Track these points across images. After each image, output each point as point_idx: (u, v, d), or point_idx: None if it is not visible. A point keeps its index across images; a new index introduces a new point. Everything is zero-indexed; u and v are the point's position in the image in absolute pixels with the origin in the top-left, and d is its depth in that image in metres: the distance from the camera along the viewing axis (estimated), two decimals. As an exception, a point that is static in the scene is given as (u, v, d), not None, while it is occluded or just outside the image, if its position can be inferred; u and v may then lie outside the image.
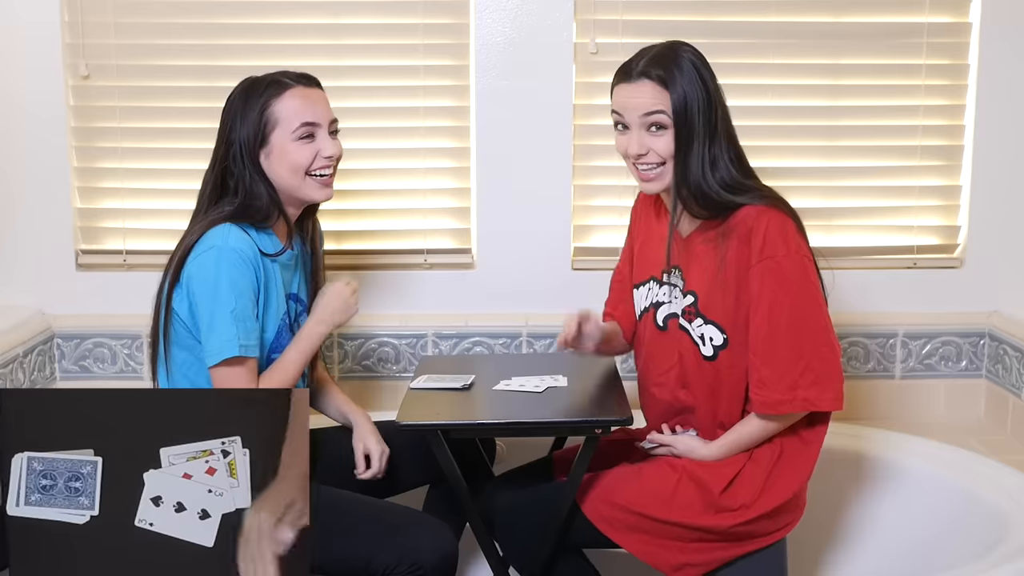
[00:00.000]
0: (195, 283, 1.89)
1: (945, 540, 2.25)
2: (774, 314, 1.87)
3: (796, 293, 1.87)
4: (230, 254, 1.88)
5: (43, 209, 2.71)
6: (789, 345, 1.88)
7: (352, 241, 2.77)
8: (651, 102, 1.88)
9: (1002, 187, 2.75)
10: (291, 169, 1.98)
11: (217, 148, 2.01)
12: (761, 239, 1.86)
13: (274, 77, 2.00)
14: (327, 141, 2.01)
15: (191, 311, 1.92)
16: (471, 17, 2.67)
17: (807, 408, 1.90)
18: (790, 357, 1.88)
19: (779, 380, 1.88)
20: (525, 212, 2.72)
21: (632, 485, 1.95)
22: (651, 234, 2.10)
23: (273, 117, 1.96)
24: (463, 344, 2.76)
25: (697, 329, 1.96)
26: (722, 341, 1.93)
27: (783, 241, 1.86)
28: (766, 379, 1.89)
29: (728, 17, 2.69)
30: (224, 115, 2.01)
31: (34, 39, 2.64)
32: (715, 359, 1.95)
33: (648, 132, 1.90)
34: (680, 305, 1.99)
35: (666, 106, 1.88)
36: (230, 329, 1.87)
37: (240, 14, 2.68)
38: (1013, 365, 2.64)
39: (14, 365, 2.51)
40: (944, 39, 2.72)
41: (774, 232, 1.86)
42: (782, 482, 1.94)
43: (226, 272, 1.87)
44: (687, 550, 1.93)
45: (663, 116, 1.88)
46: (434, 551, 1.87)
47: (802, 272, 1.88)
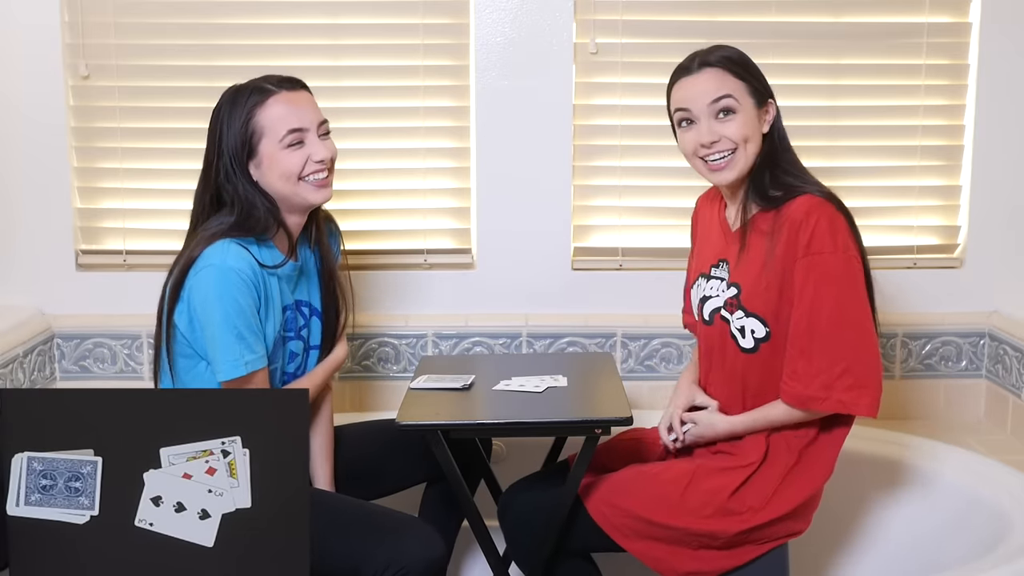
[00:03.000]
0: (195, 301, 1.89)
1: (945, 540, 2.25)
2: (816, 309, 1.85)
3: (840, 290, 1.86)
4: (228, 274, 1.86)
5: (43, 209, 2.71)
6: (829, 342, 1.85)
7: (352, 241, 2.75)
8: (717, 87, 1.90)
9: (1002, 187, 2.75)
10: (283, 177, 1.94)
11: (208, 162, 1.98)
12: (809, 233, 1.85)
13: (256, 84, 1.95)
14: (317, 144, 1.96)
15: (191, 326, 1.91)
16: (471, 17, 2.67)
17: (841, 410, 1.88)
18: (830, 355, 1.85)
19: (814, 376, 1.86)
20: (525, 212, 2.72)
21: (640, 490, 1.94)
22: (709, 233, 2.10)
23: (259, 127, 1.92)
24: (463, 344, 2.76)
25: (737, 321, 1.95)
26: (764, 334, 1.92)
27: (831, 237, 1.85)
28: (800, 372, 1.87)
29: (728, 17, 2.69)
30: (211, 127, 1.97)
31: (34, 40, 2.64)
32: (755, 351, 1.94)
33: (716, 120, 1.91)
34: (724, 297, 1.98)
35: (732, 89, 1.90)
36: (234, 349, 1.87)
37: (239, 14, 2.68)
38: (1013, 365, 2.64)
39: (14, 365, 2.51)
40: (944, 39, 2.72)
41: (823, 227, 1.85)
42: (795, 487, 1.93)
43: (226, 292, 1.86)
44: (694, 557, 1.92)
45: (730, 100, 1.90)
46: (422, 557, 1.85)
47: (848, 270, 1.86)
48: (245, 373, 1.89)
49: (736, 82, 1.91)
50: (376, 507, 2.00)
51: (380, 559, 1.83)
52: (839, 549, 2.46)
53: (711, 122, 1.91)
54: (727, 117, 1.91)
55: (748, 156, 1.92)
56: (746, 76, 1.92)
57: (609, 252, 2.77)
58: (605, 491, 1.96)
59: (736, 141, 1.91)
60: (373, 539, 1.87)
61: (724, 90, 1.90)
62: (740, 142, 1.91)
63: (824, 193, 1.91)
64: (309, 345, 2.10)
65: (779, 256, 1.89)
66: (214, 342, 1.88)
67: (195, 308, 1.89)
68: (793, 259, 1.87)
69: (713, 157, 1.92)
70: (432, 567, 1.87)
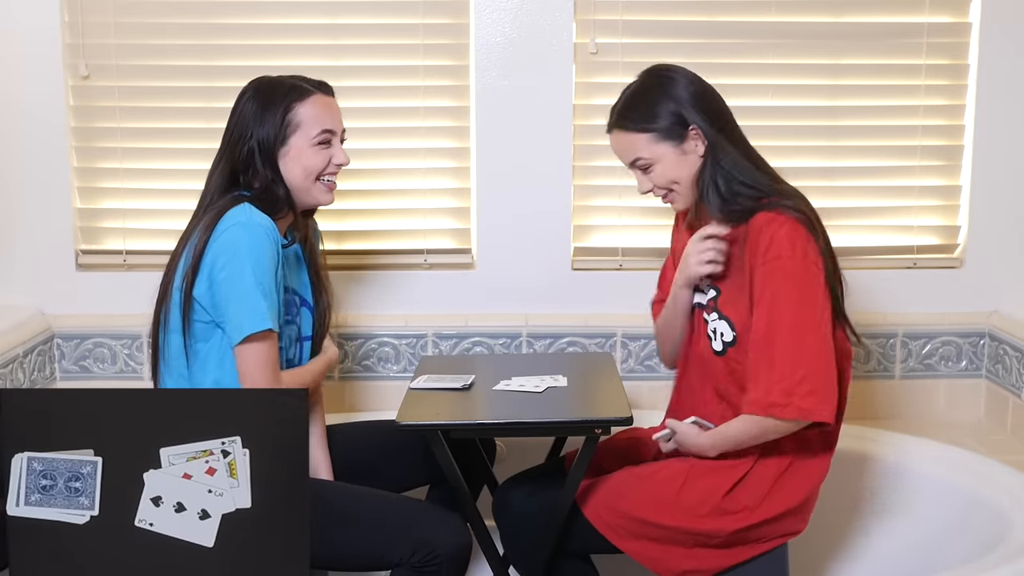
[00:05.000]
0: (220, 260, 1.88)
1: (945, 540, 2.25)
2: (774, 315, 1.84)
3: (798, 297, 1.85)
4: (256, 228, 1.89)
5: (43, 209, 2.71)
6: (790, 347, 1.84)
7: (352, 241, 2.77)
8: (624, 151, 2.00)
9: (1002, 187, 2.75)
10: (305, 172, 2.01)
11: (231, 142, 2.00)
12: (768, 240, 1.85)
13: (294, 81, 2.02)
14: (339, 149, 2.06)
15: (210, 291, 1.90)
16: (471, 17, 2.67)
17: (802, 417, 1.84)
18: (790, 361, 1.83)
19: (775, 383, 1.84)
20: (525, 212, 2.72)
21: (636, 491, 1.95)
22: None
23: (295, 120, 1.98)
24: (463, 344, 2.76)
25: (712, 323, 1.97)
26: (731, 338, 1.93)
27: (789, 244, 1.85)
28: (761, 379, 1.85)
29: (728, 17, 2.69)
30: (238, 111, 2.01)
31: (34, 40, 2.64)
32: (723, 354, 1.95)
33: (643, 173, 1.99)
34: (705, 297, 2.00)
35: (637, 148, 1.95)
36: (260, 302, 1.86)
37: (240, 14, 2.68)
38: (1013, 365, 2.64)
39: (14, 365, 2.51)
40: (944, 39, 2.72)
41: (781, 235, 1.85)
42: (788, 488, 1.93)
43: (254, 246, 1.87)
44: (690, 556, 1.93)
45: (640, 160, 1.97)
46: (449, 541, 1.87)
47: (806, 277, 1.86)
48: (269, 327, 1.87)
49: (638, 137, 1.95)
50: (397, 496, 2.02)
51: (407, 545, 1.85)
52: (839, 549, 2.46)
53: (639, 175, 2.00)
54: (648, 170, 1.97)
55: (686, 188, 1.97)
56: (647, 125, 1.94)
57: (609, 252, 2.77)
58: (601, 494, 1.96)
59: (664, 186, 1.98)
60: (398, 527, 1.88)
61: (631, 153, 1.98)
62: (668, 184, 1.97)
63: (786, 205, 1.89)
64: (301, 335, 2.11)
65: (745, 264, 1.90)
66: (240, 297, 1.86)
67: (219, 268, 1.88)
68: (753, 267, 1.88)
69: (661, 197, 2.01)
70: (461, 551, 1.89)
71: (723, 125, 1.94)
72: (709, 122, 1.92)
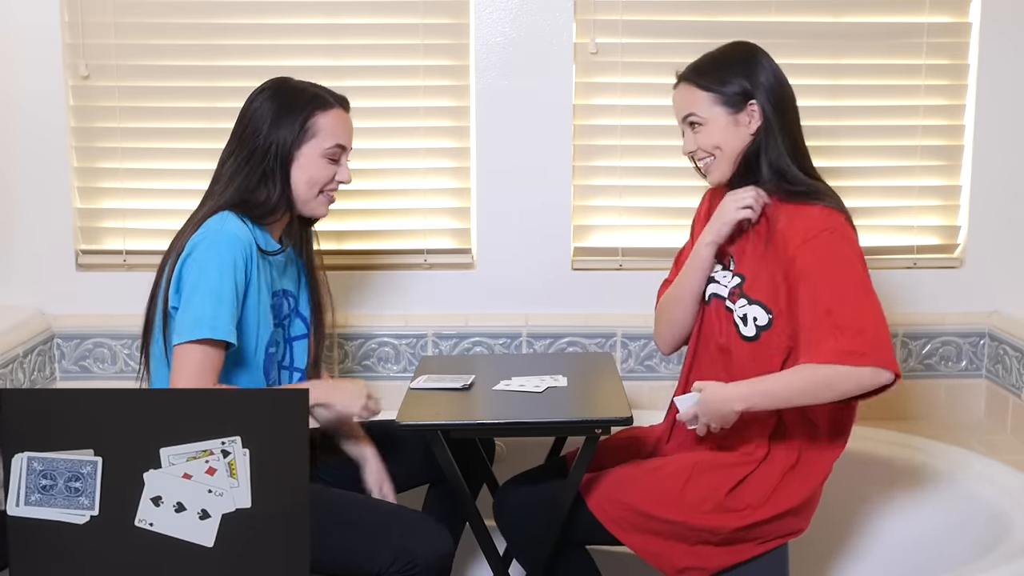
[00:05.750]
0: (187, 263, 1.90)
1: (945, 540, 2.25)
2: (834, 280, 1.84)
3: (853, 260, 1.87)
4: (221, 235, 1.89)
5: (43, 209, 2.71)
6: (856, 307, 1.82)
7: (352, 241, 2.77)
8: (683, 104, 2.01)
9: (1002, 187, 2.75)
10: (309, 182, 2.01)
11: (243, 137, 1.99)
12: (806, 220, 1.89)
13: (317, 91, 2.03)
14: (345, 167, 2.07)
15: (178, 290, 1.91)
16: (471, 17, 2.67)
17: (883, 364, 1.80)
18: (860, 318, 1.82)
19: (855, 333, 1.80)
20: (525, 212, 2.72)
21: (640, 484, 1.95)
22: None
23: (313, 128, 1.99)
24: (463, 344, 2.76)
25: (740, 309, 1.96)
26: (767, 321, 1.93)
27: (829, 219, 1.90)
28: (829, 336, 1.80)
29: (728, 17, 2.69)
30: (253, 107, 2.00)
31: (34, 40, 2.64)
32: (756, 339, 1.94)
33: (692, 131, 2.01)
34: (729, 287, 2.00)
35: (696, 104, 1.97)
36: (206, 309, 1.85)
37: (240, 14, 2.68)
38: (1013, 365, 2.64)
39: (14, 365, 2.51)
40: (944, 39, 2.72)
41: (821, 214, 1.90)
42: (793, 487, 1.93)
43: (215, 253, 1.88)
44: (691, 553, 1.93)
45: (694, 116, 1.98)
46: (429, 551, 1.86)
47: (853, 246, 1.89)
48: (208, 335, 1.84)
49: (701, 95, 1.98)
50: (382, 503, 2.01)
51: (387, 554, 1.84)
52: (839, 549, 2.46)
53: (688, 133, 2.02)
54: (698, 129, 1.99)
55: (727, 160, 1.99)
56: (713, 86, 1.97)
57: (609, 252, 2.77)
58: (605, 486, 1.96)
59: (708, 150, 2.00)
60: (380, 534, 1.87)
61: (687, 107, 2.00)
62: (712, 150, 1.99)
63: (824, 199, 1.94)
64: (289, 336, 2.10)
65: (778, 244, 1.91)
66: (188, 301, 1.86)
67: (185, 269, 1.89)
68: (795, 245, 1.89)
69: (699, 163, 2.04)
70: (441, 561, 1.87)
71: (784, 115, 1.98)
72: (772, 104, 1.96)
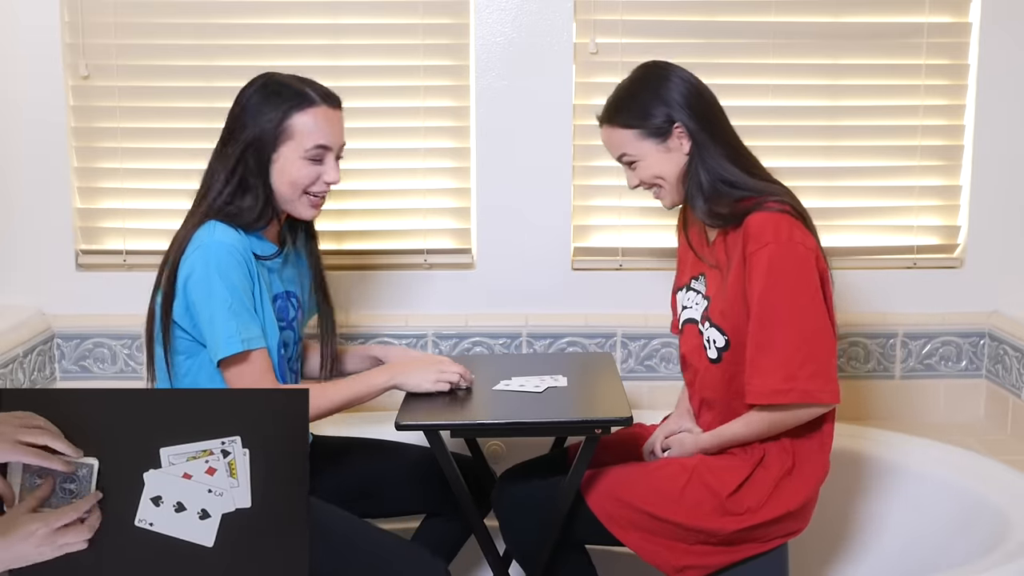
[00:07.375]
0: (190, 284, 1.88)
1: (945, 540, 2.25)
2: (769, 300, 1.83)
3: (790, 280, 1.84)
4: (217, 248, 1.86)
5: (43, 209, 2.71)
6: (787, 332, 1.83)
7: (352, 241, 2.77)
8: (612, 146, 2.03)
9: (1002, 187, 2.75)
10: (290, 184, 1.96)
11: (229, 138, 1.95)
12: (756, 230, 1.86)
13: (300, 87, 1.96)
14: (332, 167, 1.99)
15: (189, 312, 1.90)
16: (471, 17, 2.67)
17: (806, 399, 1.85)
18: (789, 345, 1.83)
19: (776, 369, 1.83)
20: (525, 212, 2.72)
21: (640, 483, 1.95)
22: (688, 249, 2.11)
23: (290, 129, 1.93)
24: (463, 344, 2.76)
25: (706, 332, 1.97)
26: (724, 343, 1.93)
27: (773, 228, 1.85)
28: (762, 367, 1.85)
29: (728, 17, 2.69)
30: (241, 103, 1.96)
31: (34, 40, 2.64)
32: (719, 361, 1.95)
33: (630, 168, 2.02)
34: (700, 310, 2.01)
35: (623, 144, 1.99)
36: (230, 325, 1.85)
37: (240, 14, 2.68)
38: (1013, 365, 2.64)
39: (14, 365, 2.51)
40: (944, 39, 2.72)
41: (769, 225, 1.85)
42: (791, 489, 1.93)
43: (216, 267, 1.85)
44: (690, 552, 1.93)
45: (625, 156, 2.00)
46: None
47: (795, 258, 1.85)
48: (242, 349, 1.85)
49: (626, 133, 1.98)
50: (376, 529, 1.95)
51: None
52: (839, 549, 2.46)
53: (627, 170, 2.03)
54: (634, 166, 2.00)
55: (672, 186, 2.00)
56: (634, 123, 1.96)
57: (609, 252, 2.77)
58: (605, 484, 1.96)
59: (651, 182, 2.01)
60: (373, 564, 1.84)
61: (617, 148, 2.01)
62: (655, 180, 2.00)
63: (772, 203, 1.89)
64: (300, 337, 2.10)
65: (735, 262, 1.90)
66: (211, 320, 1.86)
67: (190, 291, 1.87)
68: (742, 259, 1.87)
69: (652, 193, 2.04)
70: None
71: (711, 124, 1.95)
72: (696, 121, 1.93)
